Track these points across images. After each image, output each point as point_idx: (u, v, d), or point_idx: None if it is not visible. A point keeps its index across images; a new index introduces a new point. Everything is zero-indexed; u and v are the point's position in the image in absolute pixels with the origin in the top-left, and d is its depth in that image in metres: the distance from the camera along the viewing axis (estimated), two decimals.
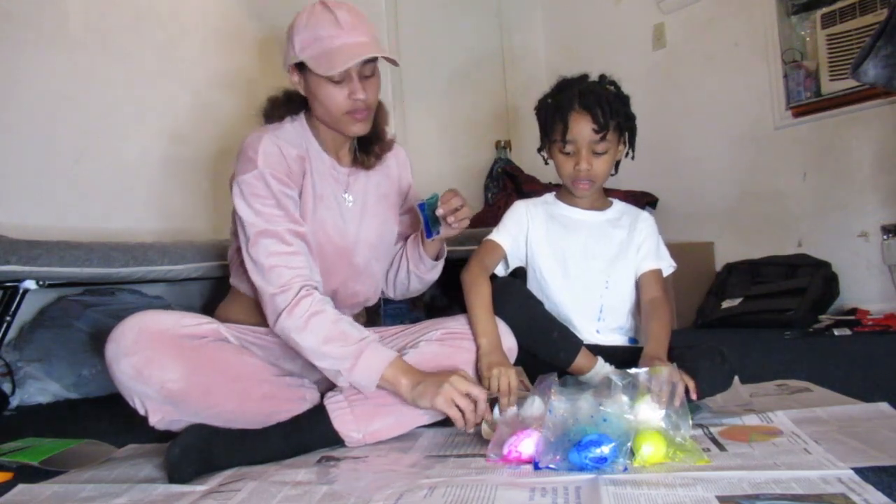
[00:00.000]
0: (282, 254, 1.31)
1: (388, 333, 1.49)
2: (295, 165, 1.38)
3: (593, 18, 3.99)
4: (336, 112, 1.36)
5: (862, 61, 1.89)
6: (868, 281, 2.92)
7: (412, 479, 1.05)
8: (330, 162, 1.46)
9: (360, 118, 1.37)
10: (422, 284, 1.60)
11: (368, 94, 1.36)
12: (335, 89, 1.34)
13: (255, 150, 1.35)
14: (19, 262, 1.77)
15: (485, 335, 1.39)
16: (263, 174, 1.33)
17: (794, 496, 0.86)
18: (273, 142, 1.37)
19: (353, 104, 1.35)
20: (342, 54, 1.29)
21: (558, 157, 1.54)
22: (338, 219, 1.45)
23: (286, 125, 1.43)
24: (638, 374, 1.19)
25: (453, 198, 1.38)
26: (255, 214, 1.32)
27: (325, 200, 1.43)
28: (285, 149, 1.37)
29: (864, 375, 1.68)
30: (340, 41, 1.30)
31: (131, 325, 1.23)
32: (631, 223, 1.60)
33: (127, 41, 2.65)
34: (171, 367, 1.21)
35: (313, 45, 1.32)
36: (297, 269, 1.30)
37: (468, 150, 3.86)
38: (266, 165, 1.34)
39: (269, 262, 1.30)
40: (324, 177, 1.44)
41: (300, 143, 1.42)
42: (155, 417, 1.24)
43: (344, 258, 1.46)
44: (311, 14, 1.34)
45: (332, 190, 1.45)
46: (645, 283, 1.57)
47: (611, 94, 1.51)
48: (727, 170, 3.41)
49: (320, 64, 1.31)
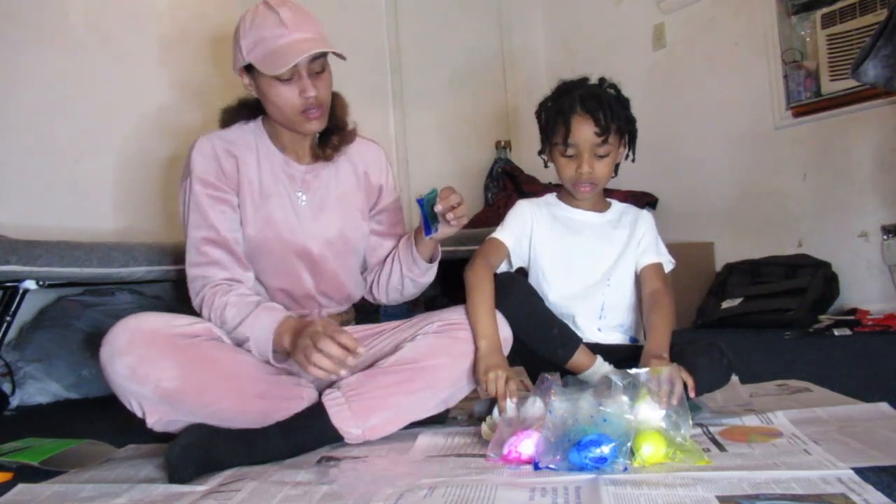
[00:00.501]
0: (196, 264, 1.40)
1: (387, 329, 1.49)
2: (226, 161, 1.43)
3: (593, 19, 3.99)
4: (289, 111, 1.38)
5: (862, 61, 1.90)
6: (868, 281, 2.92)
7: (412, 479, 1.05)
8: (283, 159, 1.48)
9: (313, 116, 1.39)
10: (416, 288, 1.60)
11: (320, 91, 1.37)
12: (285, 88, 1.35)
13: (190, 154, 1.42)
14: (19, 262, 1.77)
15: (484, 337, 1.39)
16: (193, 179, 1.40)
17: (794, 496, 0.86)
18: (208, 142, 1.43)
19: (305, 102, 1.36)
20: (287, 53, 1.31)
21: (559, 160, 1.54)
22: (290, 215, 1.46)
23: (234, 127, 1.48)
24: (638, 374, 1.19)
25: (451, 194, 1.37)
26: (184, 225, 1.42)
27: (276, 198, 1.46)
28: (218, 147, 1.43)
29: (864, 375, 1.68)
30: (285, 40, 1.32)
31: (124, 326, 1.23)
32: (632, 222, 1.60)
33: (127, 41, 2.65)
34: (165, 365, 1.22)
35: (259, 45, 1.34)
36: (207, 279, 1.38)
37: (468, 150, 3.86)
38: (197, 168, 1.41)
39: (189, 272, 1.41)
40: (275, 175, 1.46)
41: (245, 141, 1.46)
42: (152, 418, 1.24)
43: (296, 254, 1.47)
44: (255, 15, 1.36)
45: (284, 187, 1.47)
46: (645, 276, 1.56)
47: (612, 98, 1.51)
48: (727, 170, 3.41)
49: (267, 64, 1.32)
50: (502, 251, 1.58)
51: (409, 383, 1.32)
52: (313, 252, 1.49)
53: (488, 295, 1.45)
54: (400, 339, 1.42)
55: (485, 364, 1.35)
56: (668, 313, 1.48)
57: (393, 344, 1.42)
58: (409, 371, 1.33)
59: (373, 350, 1.45)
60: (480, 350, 1.37)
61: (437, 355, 1.35)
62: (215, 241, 1.39)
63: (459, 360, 1.36)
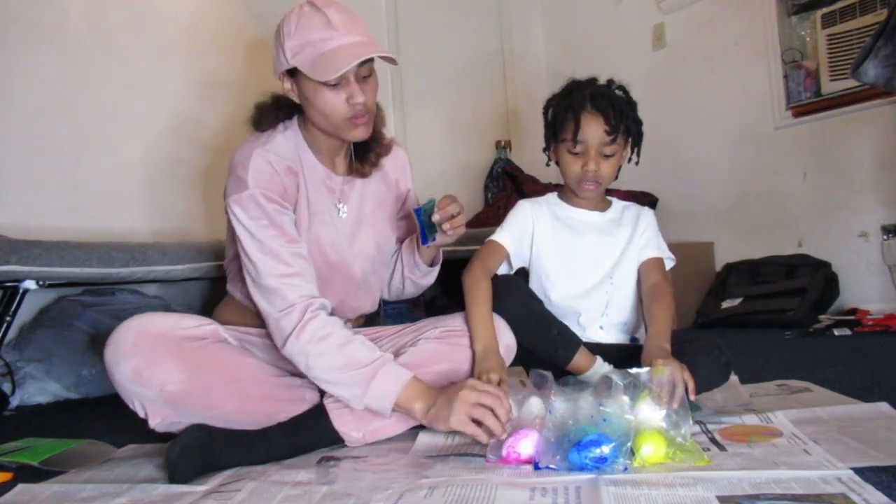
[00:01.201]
0: (282, 275, 1.26)
1: (388, 333, 1.49)
2: (288, 181, 1.33)
3: (593, 18, 3.99)
4: (336, 118, 1.29)
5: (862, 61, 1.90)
6: (868, 281, 2.92)
7: (412, 479, 1.05)
8: (324, 171, 1.40)
9: (360, 122, 1.31)
10: (416, 289, 1.60)
11: (368, 97, 1.29)
12: (333, 94, 1.27)
13: (246, 168, 1.29)
14: (19, 262, 1.77)
15: (480, 341, 1.38)
16: (254, 195, 1.28)
17: (794, 496, 0.86)
18: (264, 158, 1.31)
19: (353, 109, 1.28)
20: (338, 57, 1.23)
21: (566, 157, 1.53)
22: (332, 234, 1.40)
23: (277, 136, 1.36)
24: (639, 374, 1.19)
25: (450, 204, 1.35)
26: (251, 237, 1.28)
27: (320, 215, 1.39)
28: (277, 164, 1.32)
29: (864, 375, 1.68)
30: (335, 43, 1.23)
31: (130, 327, 1.23)
32: (634, 219, 1.60)
33: (127, 41, 2.65)
34: (170, 368, 1.21)
35: (306, 49, 1.25)
36: (299, 289, 1.26)
37: (468, 150, 3.86)
38: (257, 185, 1.28)
39: (271, 284, 1.26)
40: (318, 188, 1.39)
41: (293, 156, 1.36)
42: (155, 420, 1.24)
43: (340, 274, 1.42)
44: (301, 16, 1.27)
45: (326, 202, 1.40)
46: (646, 269, 1.57)
47: (621, 99, 1.52)
48: (727, 170, 3.41)
49: (316, 69, 1.24)
50: (501, 254, 1.57)
51: None
52: (357, 274, 1.45)
53: (485, 299, 1.44)
54: (401, 344, 1.42)
55: (479, 368, 1.34)
56: (668, 305, 1.48)
57: (394, 349, 1.42)
58: None
59: None
60: (477, 354, 1.37)
61: (439, 362, 1.35)
62: (297, 253, 1.29)
63: (461, 367, 1.36)
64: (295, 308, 1.25)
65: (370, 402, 1.23)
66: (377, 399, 1.23)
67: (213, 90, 2.86)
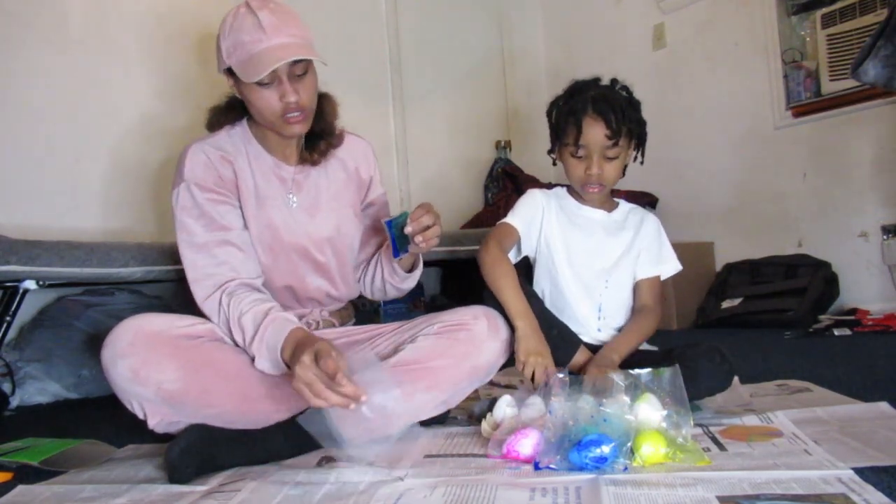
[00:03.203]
0: (204, 265, 1.34)
1: (387, 330, 1.49)
2: (224, 170, 1.40)
3: (593, 18, 3.99)
4: (269, 115, 1.34)
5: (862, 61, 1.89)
6: (868, 281, 2.92)
7: (412, 479, 1.05)
8: (273, 162, 1.46)
9: (294, 120, 1.34)
10: (398, 292, 1.61)
11: (301, 95, 1.33)
12: (266, 92, 1.32)
13: (183, 161, 1.39)
14: (19, 262, 1.77)
15: (521, 317, 1.39)
16: (189, 186, 1.36)
17: (794, 496, 0.86)
18: (199, 149, 1.40)
19: (286, 106, 1.32)
20: (264, 60, 1.27)
21: (569, 160, 1.54)
22: (287, 217, 1.45)
23: (221, 133, 1.45)
24: (640, 375, 1.19)
25: (424, 215, 1.34)
26: (181, 229, 1.36)
27: (271, 199, 1.44)
28: (211, 154, 1.40)
29: (864, 375, 1.68)
30: (263, 45, 1.28)
31: (126, 328, 1.23)
32: (637, 224, 1.60)
33: (126, 41, 2.65)
34: (167, 367, 1.22)
35: (237, 49, 1.30)
36: (217, 277, 1.33)
37: (468, 150, 3.86)
38: (192, 175, 1.37)
39: (192, 275, 1.35)
40: (267, 177, 1.45)
41: (234, 149, 1.43)
42: (154, 420, 1.24)
43: (298, 255, 1.47)
44: (235, 17, 1.32)
45: (277, 190, 1.45)
46: (638, 290, 1.58)
47: (623, 100, 1.52)
48: (727, 170, 3.41)
49: (244, 70, 1.29)
50: (514, 235, 1.58)
51: (409, 385, 1.32)
52: (314, 252, 1.48)
53: (511, 274, 1.46)
54: (400, 341, 1.42)
55: (525, 346, 1.36)
56: (643, 325, 1.52)
57: (393, 345, 1.42)
58: (409, 373, 1.33)
59: (372, 351, 1.45)
60: (519, 330, 1.39)
61: (438, 357, 1.35)
62: (226, 241, 1.36)
63: (460, 362, 1.36)
64: (213, 295, 1.32)
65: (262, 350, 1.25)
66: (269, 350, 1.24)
67: (213, 90, 2.85)
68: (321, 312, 1.53)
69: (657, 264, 1.59)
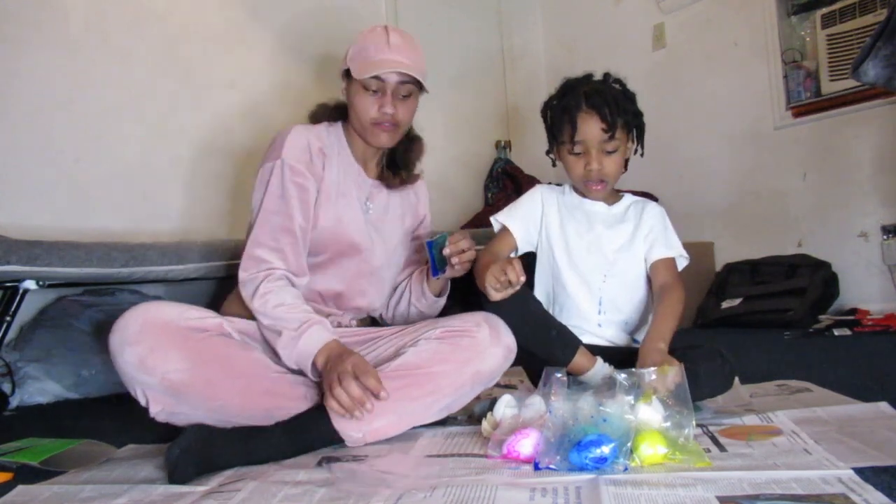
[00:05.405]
0: (263, 245, 1.41)
1: (389, 333, 1.49)
2: (317, 158, 1.49)
3: (593, 18, 3.99)
4: (363, 118, 1.48)
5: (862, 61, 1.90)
6: (868, 281, 2.92)
7: (412, 479, 1.05)
8: (357, 168, 1.56)
9: (383, 129, 1.48)
10: (420, 317, 1.64)
11: (398, 112, 1.47)
12: (368, 98, 1.46)
13: (284, 139, 1.47)
14: (19, 262, 1.77)
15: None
16: (283, 163, 1.44)
17: (794, 496, 0.86)
18: (303, 133, 1.49)
19: (381, 116, 1.46)
20: (377, 65, 1.43)
21: (568, 158, 1.53)
22: (359, 218, 1.53)
23: (322, 125, 1.56)
24: (643, 374, 1.18)
25: (462, 240, 1.46)
26: (259, 204, 1.44)
27: (348, 198, 1.53)
28: (312, 141, 1.49)
29: (864, 375, 1.68)
30: (382, 56, 1.44)
31: (136, 315, 1.25)
32: (637, 215, 1.59)
33: (127, 41, 2.65)
34: (174, 357, 1.23)
35: (360, 55, 1.46)
36: (270, 264, 1.39)
37: (468, 149, 3.86)
38: (289, 155, 1.45)
39: (252, 250, 1.41)
40: (348, 177, 1.54)
41: (330, 142, 1.53)
42: (156, 408, 1.25)
43: (359, 254, 1.53)
44: (371, 32, 1.49)
45: (355, 192, 1.54)
46: (655, 270, 1.55)
47: (617, 93, 1.51)
48: (727, 170, 3.41)
49: (359, 69, 1.44)
50: (509, 243, 1.60)
51: (411, 389, 1.32)
52: (375, 257, 1.55)
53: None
54: (401, 344, 1.42)
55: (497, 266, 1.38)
56: (673, 304, 1.46)
57: (394, 348, 1.43)
58: (412, 377, 1.33)
59: (374, 354, 1.45)
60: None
61: (441, 362, 1.35)
62: (290, 230, 1.42)
63: (462, 368, 1.36)
64: (261, 276, 1.38)
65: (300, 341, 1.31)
66: (306, 344, 1.31)
67: (213, 91, 2.86)
68: (350, 320, 1.57)
69: (666, 248, 1.56)
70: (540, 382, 1.26)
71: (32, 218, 2.35)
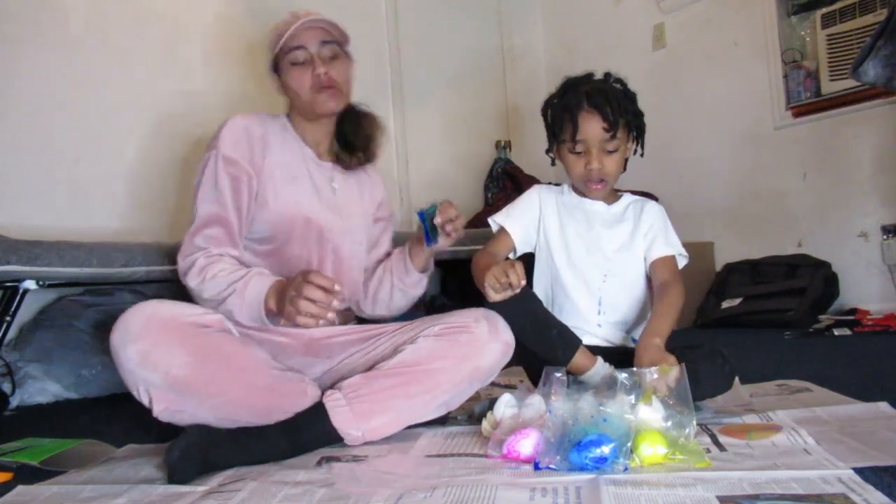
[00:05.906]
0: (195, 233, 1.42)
1: (388, 330, 1.49)
2: (257, 144, 1.48)
3: (593, 18, 3.99)
4: (303, 91, 1.48)
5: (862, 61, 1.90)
6: (868, 281, 2.92)
7: (412, 479, 1.05)
8: (310, 153, 1.56)
9: (325, 91, 1.47)
10: (406, 301, 1.63)
11: (333, 72, 1.48)
12: (299, 70, 1.47)
13: (221, 130, 1.48)
14: (19, 262, 1.77)
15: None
16: (217, 154, 1.45)
17: (794, 496, 0.86)
18: (240, 122, 1.49)
19: (317, 79, 1.46)
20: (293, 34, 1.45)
21: (568, 157, 1.53)
22: (314, 199, 1.52)
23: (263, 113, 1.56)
24: (644, 374, 1.18)
25: (450, 208, 1.44)
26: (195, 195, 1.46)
27: (301, 180, 1.52)
28: (253, 128, 1.49)
29: (864, 375, 1.68)
30: (295, 25, 1.45)
31: (139, 311, 1.25)
32: (636, 214, 1.59)
33: (127, 41, 2.65)
34: (177, 352, 1.23)
35: (276, 39, 1.48)
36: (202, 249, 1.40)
37: (468, 150, 3.86)
38: (224, 145, 1.45)
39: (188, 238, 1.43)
40: (300, 161, 1.54)
41: (274, 129, 1.53)
42: (159, 406, 1.25)
43: (318, 235, 1.52)
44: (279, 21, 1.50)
45: (310, 175, 1.54)
46: (654, 268, 1.55)
47: (618, 92, 1.51)
48: (727, 170, 3.41)
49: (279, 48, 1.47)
50: (507, 244, 1.59)
51: (410, 386, 1.32)
52: (335, 236, 1.54)
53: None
54: (400, 342, 1.42)
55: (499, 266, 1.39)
56: (671, 300, 1.46)
57: (393, 346, 1.42)
58: (410, 374, 1.33)
59: (373, 352, 1.45)
60: None
61: (439, 359, 1.35)
62: (220, 218, 1.43)
63: (461, 364, 1.36)
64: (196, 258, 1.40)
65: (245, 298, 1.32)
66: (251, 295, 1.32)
67: (213, 91, 2.86)
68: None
69: (666, 245, 1.56)
70: (540, 382, 1.26)
71: (32, 218, 2.35)
